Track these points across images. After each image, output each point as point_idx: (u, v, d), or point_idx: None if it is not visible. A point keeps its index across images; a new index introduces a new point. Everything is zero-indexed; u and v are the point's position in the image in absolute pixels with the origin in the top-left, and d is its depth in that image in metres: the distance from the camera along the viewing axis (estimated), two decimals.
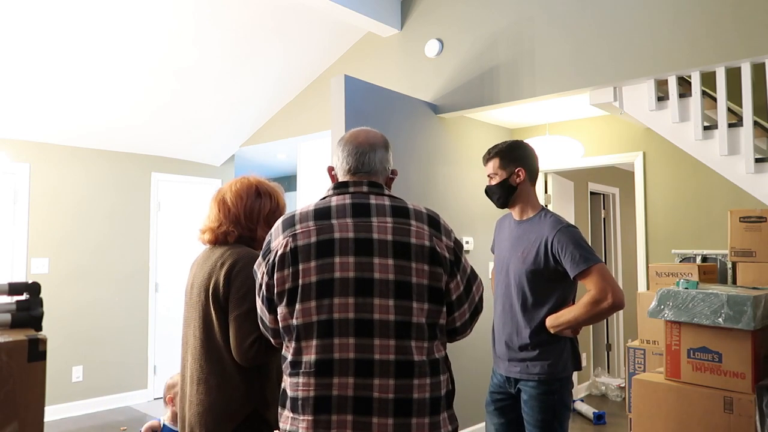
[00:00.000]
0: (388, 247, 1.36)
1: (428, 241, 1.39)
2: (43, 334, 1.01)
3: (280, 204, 1.85)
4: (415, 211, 1.42)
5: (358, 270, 1.35)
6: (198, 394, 1.63)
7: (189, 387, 1.67)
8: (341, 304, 1.34)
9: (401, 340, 1.33)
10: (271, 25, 4.25)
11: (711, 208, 3.85)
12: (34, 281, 1.18)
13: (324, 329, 1.34)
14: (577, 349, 2.18)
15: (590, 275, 2.02)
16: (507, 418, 2.23)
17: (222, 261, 1.67)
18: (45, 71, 3.99)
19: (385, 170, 1.53)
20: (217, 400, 1.60)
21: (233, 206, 1.77)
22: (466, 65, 3.92)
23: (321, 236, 1.37)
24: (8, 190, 4.59)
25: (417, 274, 1.36)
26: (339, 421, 1.31)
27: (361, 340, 1.33)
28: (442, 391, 1.38)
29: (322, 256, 1.36)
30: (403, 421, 1.31)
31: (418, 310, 1.36)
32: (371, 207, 1.41)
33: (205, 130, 5.27)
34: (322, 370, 1.33)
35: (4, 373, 0.91)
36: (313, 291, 1.35)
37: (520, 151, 2.22)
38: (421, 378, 1.34)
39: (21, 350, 0.93)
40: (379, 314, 1.33)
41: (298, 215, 1.43)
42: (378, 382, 1.31)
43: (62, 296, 4.77)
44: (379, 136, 1.55)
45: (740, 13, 2.91)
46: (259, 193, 1.81)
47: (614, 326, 5.88)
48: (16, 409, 0.91)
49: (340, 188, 1.47)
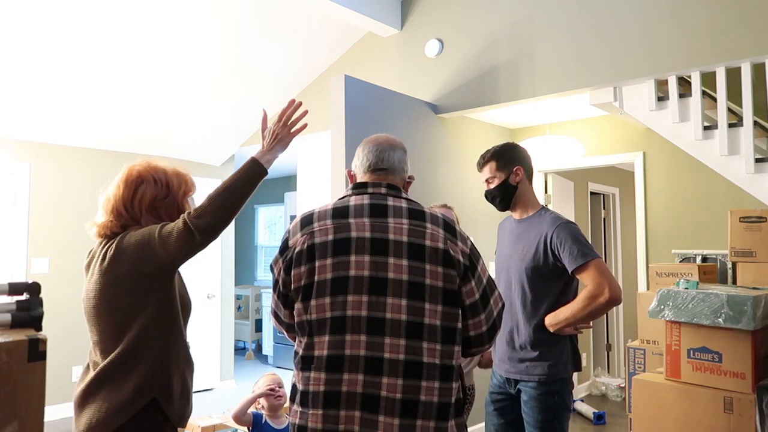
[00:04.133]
0: (403, 247, 1.38)
1: (442, 243, 1.40)
2: (43, 334, 1.01)
3: (172, 189, 1.71)
4: (431, 215, 1.45)
5: (373, 269, 1.37)
6: (94, 380, 1.58)
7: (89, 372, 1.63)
8: (354, 301, 1.36)
9: (412, 340, 1.34)
10: (271, 25, 4.25)
11: (711, 208, 3.85)
12: (34, 281, 1.18)
13: (337, 326, 1.36)
14: (577, 349, 2.18)
15: (587, 270, 2.02)
16: (507, 419, 2.23)
17: (103, 252, 1.59)
18: (45, 71, 3.99)
19: (403, 171, 1.56)
20: (112, 388, 1.54)
21: (113, 197, 1.68)
22: (466, 65, 3.92)
23: (338, 234, 1.40)
24: (8, 190, 4.58)
25: (431, 275, 1.37)
26: (347, 417, 1.32)
27: (372, 338, 1.34)
28: (452, 398, 1.37)
29: (338, 254, 1.39)
30: (409, 423, 1.32)
31: (431, 311, 1.36)
32: (388, 208, 1.44)
33: (205, 130, 5.27)
34: (333, 366, 1.34)
35: (4, 373, 0.91)
36: (328, 288, 1.37)
37: (514, 151, 2.24)
38: (429, 380, 1.34)
39: (21, 350, 0.93)
40: (391, 313, 1.35)
41: (317, 214, 1.46)
42: (386, 381, 1.33)
43: (62, 296, 4.77)
44: (397, 141, 1.60)
45: (740, 13, 2.91)
46: (141, 180, 1.68)
47: (614, 326, 5.88)
48: (16, 409, 0.91)
49: (359, 188, 1.50)
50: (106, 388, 1.55)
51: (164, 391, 1.58)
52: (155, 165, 1.74)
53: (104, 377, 1.56)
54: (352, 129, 3.30)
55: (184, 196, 1.75)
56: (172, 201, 1.72)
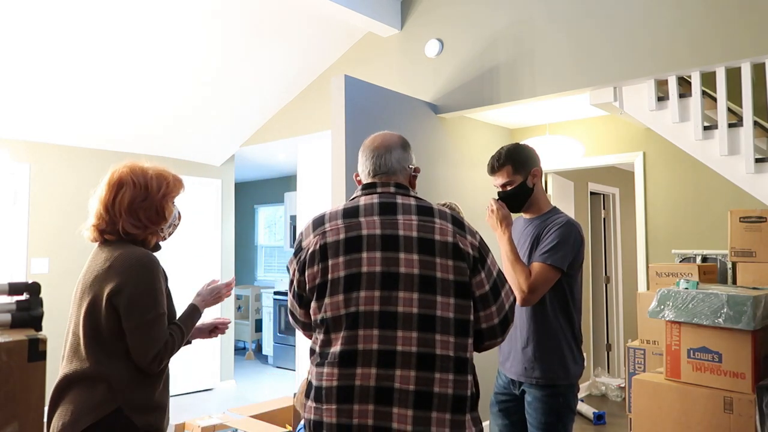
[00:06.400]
0: (413, 243, 1.41)
1: (452, 237, 1.43)
2: (43, 334, 1.01)
3: (151, 191, 1.72)
4: (439, 211, 1.48)
5: (384, 265, 1.40)
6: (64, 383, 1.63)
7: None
8: (367, 297, 1.38)
9: (424, 333, 1.36)
10: (271, 25, 4.25)
11: (711, 208, 3.85)
12: (34, 281, 1.18)
13: (351, 321, 1.38)
14: (581, 351, 2.17)
15: (540, 268, 2.03)
16: (511, 420, 2.22)
17: (110, 265, 1.61)
18: (46, 71, 3.99)
19: (404, 169, 1.58)
20: (78, 394, 1.58)
21: (99, 201, 1.71)
22: (466, 65, 3.92)
23: (349, 233, 1.44)
24: (8, 190, 4.58)
25: (441, 269, 1.40)
26: (360, 411, 1.34)
27: (385, 332, 1.36)
28: (467, 392, 1.38)
29: (350, 252, 1.42)
30: (423, 414, 1.33)
31: (442, 304, 1.38)
32: (398, 206, 1.47)
33: (205, 130, 5.27)
34: (346, 361, 1.37)
35: (4, 373, 0.91)
36: (342, 285, 1.40)
37: (528, 152, 2.21)
38: (443, 372, 1.36)
39: (21, 350, 0.93)
40: (402, 307, 1.37)
41: (328, 215, 1.50)
42: (399, 373, 1.34)
43: (62, 296, 4.76)
44: (395, 138, 1.61)
45: (740, 13, 2.91)
46: (121, 183, 1.70)
47: (614, 326, 5.89)
48: (16, 409, 0.91)
49: (368, 189, 1.54)
50: (74, 390, 1.60)
51: (131, 403, 1.59)
52: (137, 167, 1.75)
53: (74, 380, 1.60)
54: (352, 129, 3.30)
55: (164, 198, 1.75)
56: (150, 203, 1.72)
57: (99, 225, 1.69)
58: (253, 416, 3.39)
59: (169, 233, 1.83)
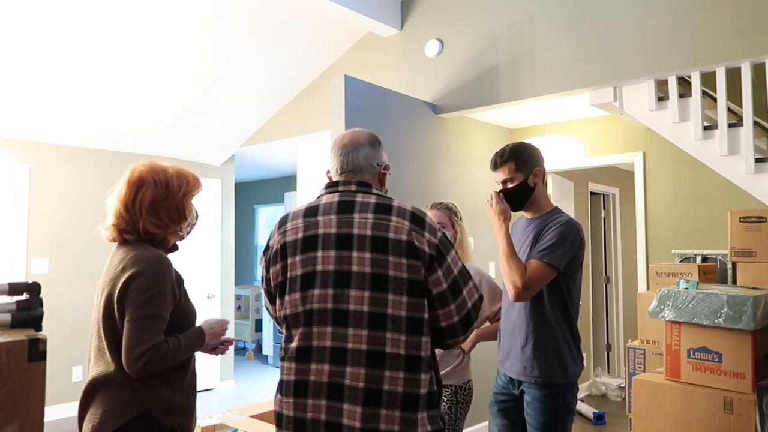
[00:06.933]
0: (366, 241, 1.42)
1: (406, 235, 1.41)
2: (43, 334, 1.01)
3: (172, 190, 1.72)
4: (398, 209, 1.46)
5: (338, 263, 1.42)
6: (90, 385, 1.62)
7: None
8: (321, 295, 1.42)
9: (374, 331, 1.38)
10: (271, 25, 4.25)
11: (711, 208, 3.85)
12: (34, 281, 1.18)
13: (307, 318, 1.43)
14: (580, 351, 2.17)
15: (536, 265, 2.02)
16: (511, 420, 2.22)
17: (123, 266, 1.61)
18: (46, 71, 3.99)
19: (372, 167, 1.57)
20: (105, 397, 1.58)
21: (117, 199, 1.71)
22: (466, 65, 3.92)
23: (307, 232, 1.47)
24: (8, 190, 4.58)
25: (394, 267, 1.39)
26: (314, 405, 1.39)
27: (337, 329, 1.40)
28: (421, 390, 1.38)
29: (306, 251, 1.45)
30: (372, 411, 1.35)
31: (394, 302, 1.38)
32: (356, 204, 1.48)
33: (205, 130, 5.27)
34: (302, 356, 1.42)
35: (4, 373, 0.91)
36: (298, 283, 1.44)
37: (531, 151, 2.20)
38: (393, 370, 1.36)
39: (21, 350, 0.93)
40: (354, 305, 1.39)
41: (291, 214, 1.54)
42: (350, 370, 1.37)
43: (62, 296, 4.77)
44: (364, 135, 1.60)
45: (740, 13, 2.91)
46: (142, 182, 1.70)
47: (614, 326, 5.89)
48: (16, 409, 0.91)
49: (331, 187, 1.56)
50: (101, 393, 1.59)
51: (158, 405, 1.59)
52: (156, 166, 1.75)
53: (100, 383, 1.59)
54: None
55: (184, 197, 1.76)
56: (171, 202, 1.73)
57: (119, 224, 1.69)
58: (253, 416, 3.38)
59: (187, 232, 1.84)
